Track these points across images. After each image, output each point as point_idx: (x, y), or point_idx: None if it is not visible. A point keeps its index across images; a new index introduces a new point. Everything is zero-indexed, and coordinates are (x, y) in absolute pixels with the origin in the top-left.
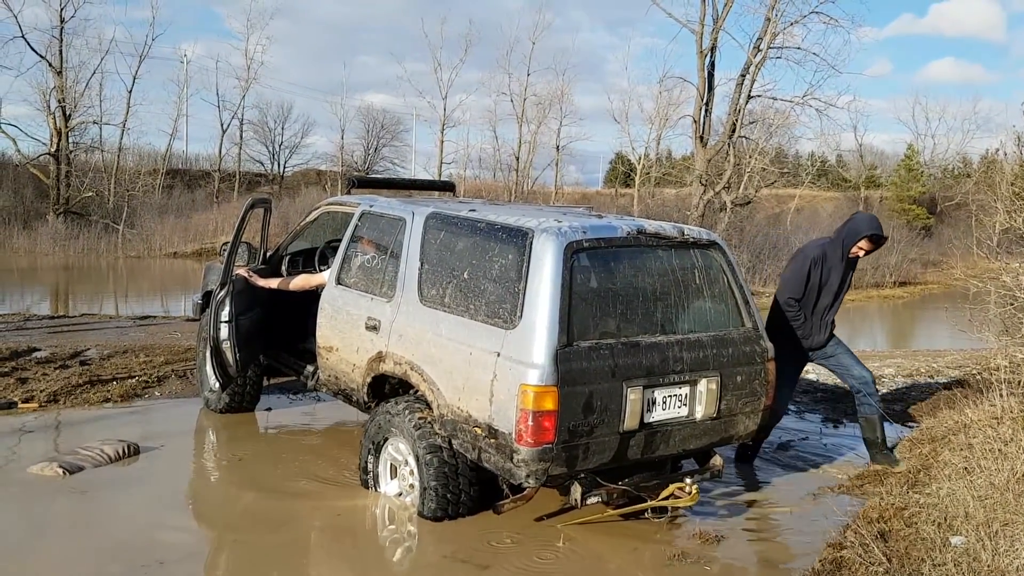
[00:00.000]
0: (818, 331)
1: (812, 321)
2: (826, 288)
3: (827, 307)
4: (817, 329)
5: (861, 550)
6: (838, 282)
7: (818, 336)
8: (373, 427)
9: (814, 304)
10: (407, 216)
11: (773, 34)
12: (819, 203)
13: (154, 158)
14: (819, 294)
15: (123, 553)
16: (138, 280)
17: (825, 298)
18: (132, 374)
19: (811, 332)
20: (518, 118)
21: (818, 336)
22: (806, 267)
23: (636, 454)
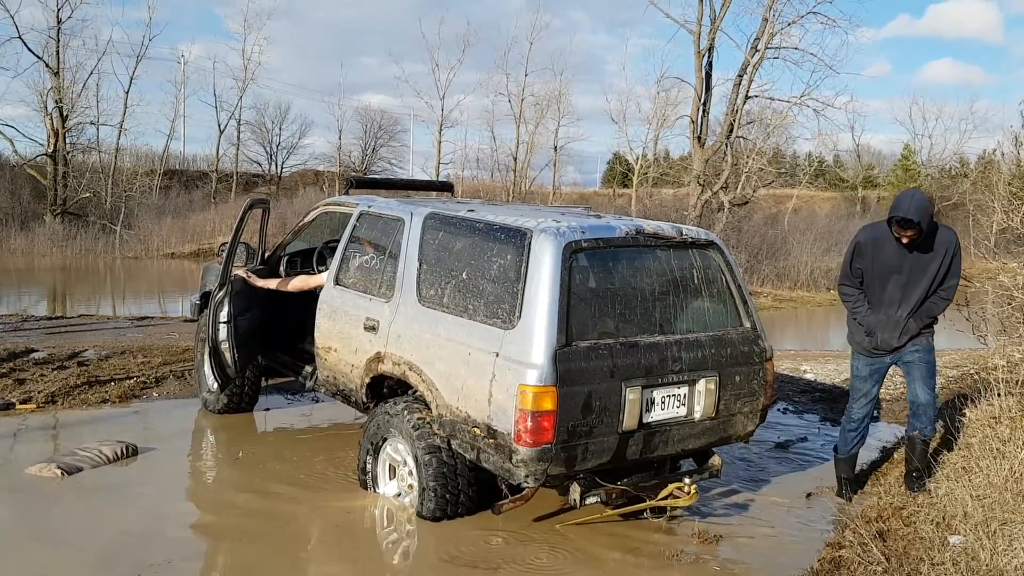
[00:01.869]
0: (886, 327)
1: (879, 315)
2: (887, 275)
3: (896, 301)
4: (885, 325)
5: (860, 549)
6: (904, 272)
7: (886, 334)
8: (372, 427)
9: (880, 295)
10: (405, 216)
11: (771, 34)
12: (817, 203)
13: (151, 159)
14: (881, 283)
15: (128, 553)
16: (136, 281)
17: (892, 290)
18: (130, 375)
19: (876, 327)
20: (516, 118)
21: (886, 334)
22: (850, 251)
23: (635, 454)
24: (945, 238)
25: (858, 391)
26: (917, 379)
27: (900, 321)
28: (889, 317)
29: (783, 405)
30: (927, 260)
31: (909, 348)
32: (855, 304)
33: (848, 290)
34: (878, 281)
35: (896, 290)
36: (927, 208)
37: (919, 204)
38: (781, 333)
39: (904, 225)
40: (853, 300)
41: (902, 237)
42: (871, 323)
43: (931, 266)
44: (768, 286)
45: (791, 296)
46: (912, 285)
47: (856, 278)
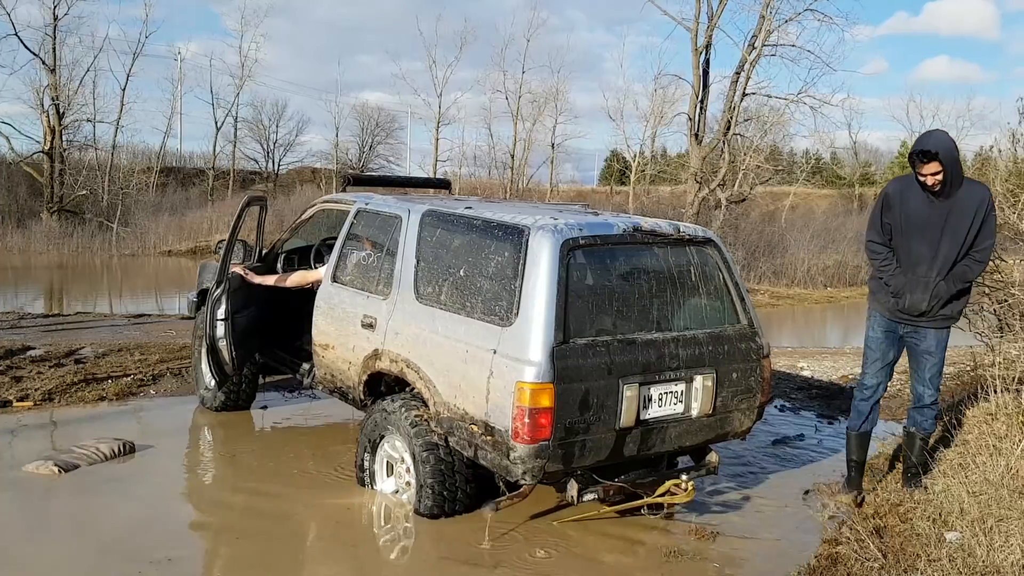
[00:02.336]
0: (916, 289)
1: (908, 276)
2: (915, 232)
3: (925, 259)
4: (914, 287)
5: (857, 546)
6: (933, 227)
7: (915, 296)
8: (369, 425)
9: (908, 254)
10: (403, 214)
11: (768, 31)
12: (814, 201)
13: (148, 156)
14: (908, 240)
15: (128, 550)
16: (132, 278)
17: (920, 247)
18: (127, 372)
19: (905, 288)
20: (513, 116)
21: (915, 296)
22: (879, 203)
23: (632, 451)
24: (977, 195)
25: (872, 355)
26: (924, 373)
27: (930, 283)
28: (918, 278)
29: (780, 402)
30: (958, 217)
31: (930, 329)
32: (883, 262)
33: (876, 247)
34: (905, 237)
35: (925, 248)
36: (950, 145)
37: (939, 138)
38: (778, 330)
39: (923, 158)
40: (881, 258)
41: (926, 179)
42: (899, 284)
43: (962, 224)
44: (765, 283)
45: (788, 293)
46: (942, 243)
47: (885, 235)
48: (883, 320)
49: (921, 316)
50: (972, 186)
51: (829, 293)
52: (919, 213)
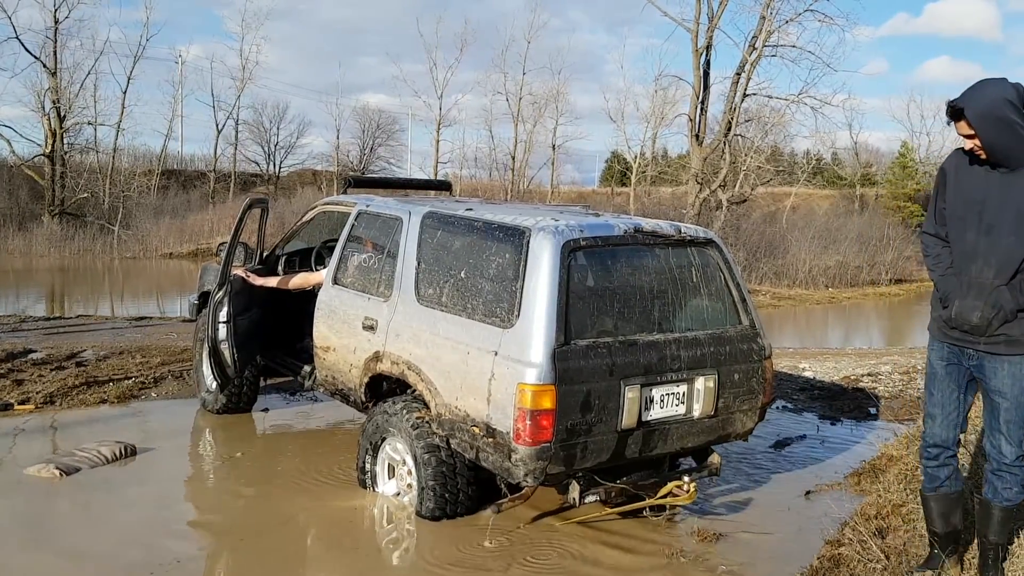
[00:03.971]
0: (967, 294)
1: (960, 277)
2: (968, 216)
3: (977, 254)
4: (962, 290)
5: (859, 547)
6: (989, 207)
7: (966, 303)
8: (371, 427)
9: (959, 246)
10: (403, 215)
11: (768, 32)
12: (815, 201)
13: (149, 159)
14: (959, 227)
15: (134, 553)
16: (134, 281)
17: (972, 236)
18: (129, 375)
19: (952, 293)
20: (514, 117)
21: (966, 303)
22: (936, 182)
23: (634, 452)
24: None
25: (930, 398)
26: (997, 422)
27: (985, 286)
28: (971, 279)
29: (782, 403)
30: (1020, 193)
31: (991, 363)
32: (934, 260)
33: (927, 240)
34: (957, 224)
35: (977, 236)
36: (988, 99)
37: (975, 90)
38: (780, 331)
39: (950, 116)
40: (933, 255)
41: (969, 145)
42: (947, 287)
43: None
44: (767, 284)
45: (789, 294)
46: (1002, 231)
47: (941, 224)
48: (939, 347)
49: (977, 335)
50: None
51: (830, 294)
52: (973, 191)
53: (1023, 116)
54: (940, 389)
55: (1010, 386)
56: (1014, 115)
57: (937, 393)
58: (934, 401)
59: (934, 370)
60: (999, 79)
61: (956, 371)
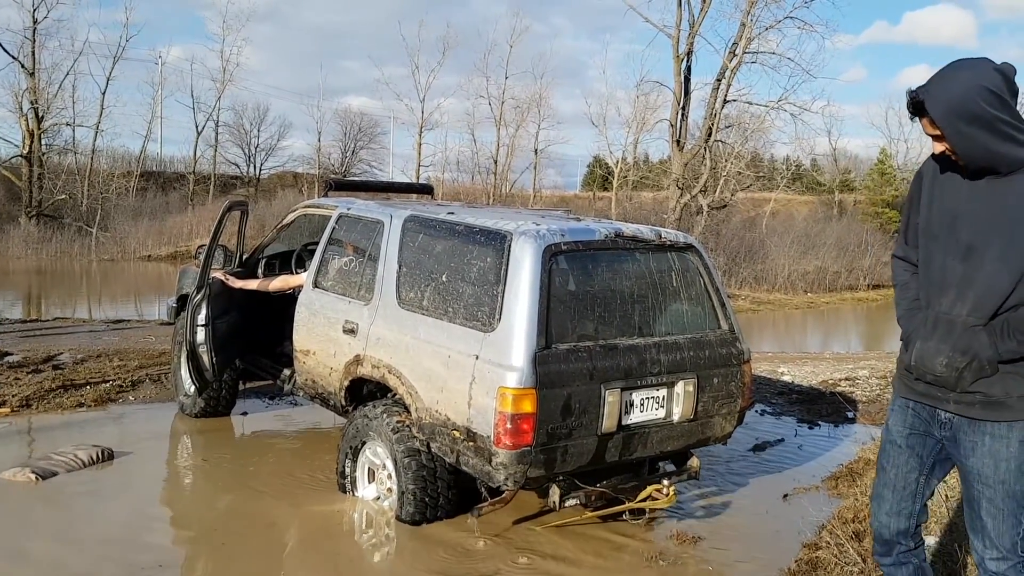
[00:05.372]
0: (927, 333)
1: (927, 312)
2: (942, 237)
3: (949, 284)
4: (927, 328)
5: (836, 550)
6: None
7: (928, 345)
8: (351, 431)
9: (927, 272)
10: (385, 219)
11: (748, 39)
12: (794, 207)
13: (128, 160)
14: (931, 248)
15: (114, 557)
16: (112, 284)
17: (944, 261)
18: (106, 378)
19: (914, 332)
20: (496, 121)
21: (928, 345)
22: (910, 190)
23: (614, 456)
24: None
25: (881, 475)
26: (979, 515)
27: (955, 326)
28: (938, 315)
29: (761, 407)
30: (1018, 210)
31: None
32: (900, 291)
33: (896, 265)
34: (927, 245)
35: (951, 261)
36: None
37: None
38: (759, 335)
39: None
40: (900, 284)
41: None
42: (910, 325)
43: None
44: (746, 288)
45: (769, 299)
46: (981, 255)
47: (913, 245)
48: (901, 407)
49: (946, 389)
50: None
51: (809, 298)
52: (949, 203)
53: (1008, 106)
54: (895, 464)
55: (992, 468)
56: (995, 107)
57: (890, 469)
58: (885, 479)
59: (891, 438)
60: (975, 60)
61: (921, 444)
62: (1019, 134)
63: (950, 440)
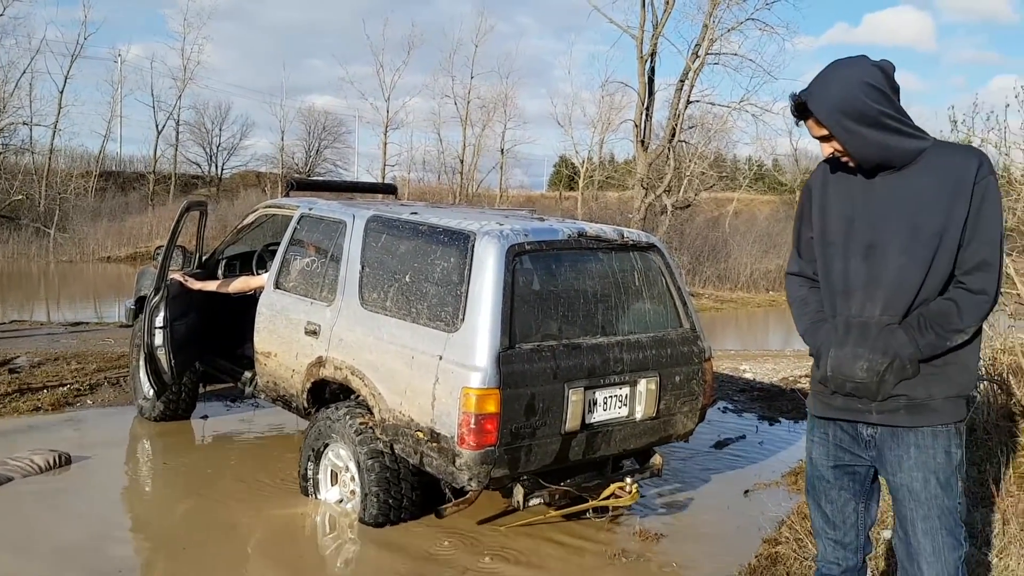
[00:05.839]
0: (840, 340)
1: (835, 321)
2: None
3: (856, 285)
4: (838, 335)
5: (796, 545)
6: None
7: (843, 352)
8: (313, 433)
9: (828, 277)
10: (347, 219)
11: (711, 40)
12: (756, 206)
13: (87, 160)
14: (829, 253)
15: (74, 566)
16: (70, 285)
17: (847, 263)
18: (63, 382)
19: (824, 344)
20: (462, 121)
21: (843, 352)
22: (799, 205)
23: (578, 455)
24: (956, 164)
25: (815, 511)
26: (915, 534)
27: (870, 327)
28: (849, 320)
29: (723, 404)
30: (916, 206)
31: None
32: (799, 307)
33: (791, 283)
34: (826, 253)
35: (853, 264)
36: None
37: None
38: (722, 333)
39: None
40: (797, 301)
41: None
42: (817, 338)
43: (928, 217)
44: (710, 287)
45: (732, 297)
46: (885, 252)
47: (808, 260)
48: (820, 433)
49: (868, 398)
50: (944, 152)
51: (771, 297)
52: (844, 207)
53: (890, 100)
54: (829, 500)
55: (921, 482)
56: (878, 101)
57: (824, 505)
58: (822, 515)
59: (818, 472)
60: (854, 58)
61: (850, 473)
62: (905, 127)
63: (877, 459)
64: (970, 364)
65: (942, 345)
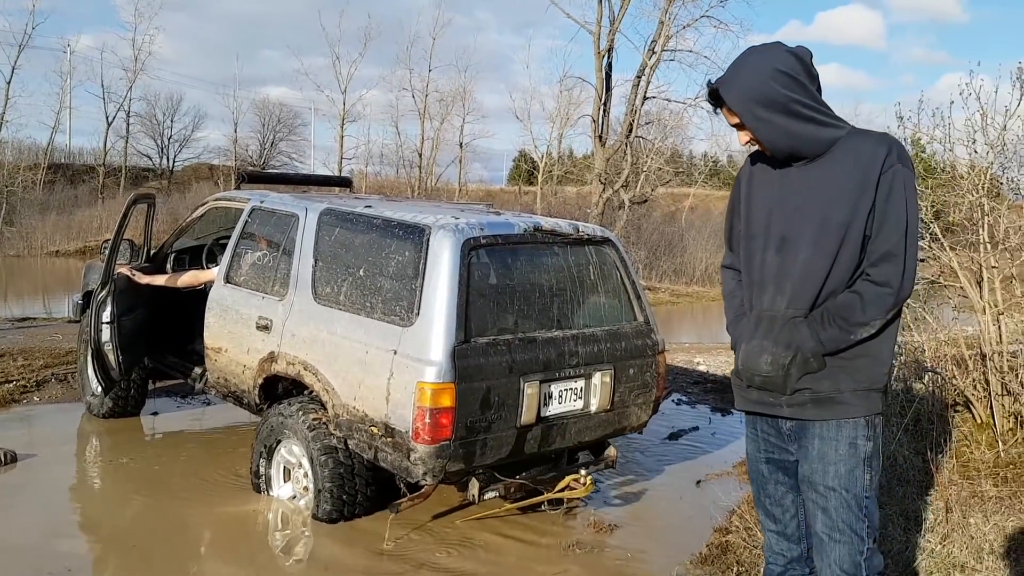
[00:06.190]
0: (751, 333)
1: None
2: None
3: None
4: (750, 330)
5: (746, 534)
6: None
7: (751, 345)
8: (265, 429)
9: (748, 269)
10: (300, 212)
11: (667, 37)
12: (711, 202)
13: (35, 152)
14: (749, 245)
15: (20, 564)
16: (17, 280)
17: (762, 255)
18: (9, 379)
19: (740, 336)
20: (420, 114)
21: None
22: (731, 197)
23: (533, 448)
24: (865, 151)
25: (758, 503)
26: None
27: (776, 320)
28: (760, 313)
29: (677, 396)
30: (823, 194)
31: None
32: (728, 302)
33: (724, 275)
34: (748, 245)
35: (770, 254)
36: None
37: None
38: (678, 327)
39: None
40: (727, 295)
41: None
42: (736, 332)
43: (835, 206)
44: (666, 282)
45: (687, 291)
46: (794, 244)
47: (738, 253)
48: (750, 428)
49: (777, 392)
50: (855, 140)
51: None
52: (765, 199)
53: (804, 88)
54: (767, 494)
55: (821, 473)
56: (790, 89)
57: (764, 499)
58: (763, 508)
59: (753, 467)
60: (768, 44)
61: (780, 466)
62: (819, 115)
63: (797, 452)
64: (882, 356)
65: (846, 339)
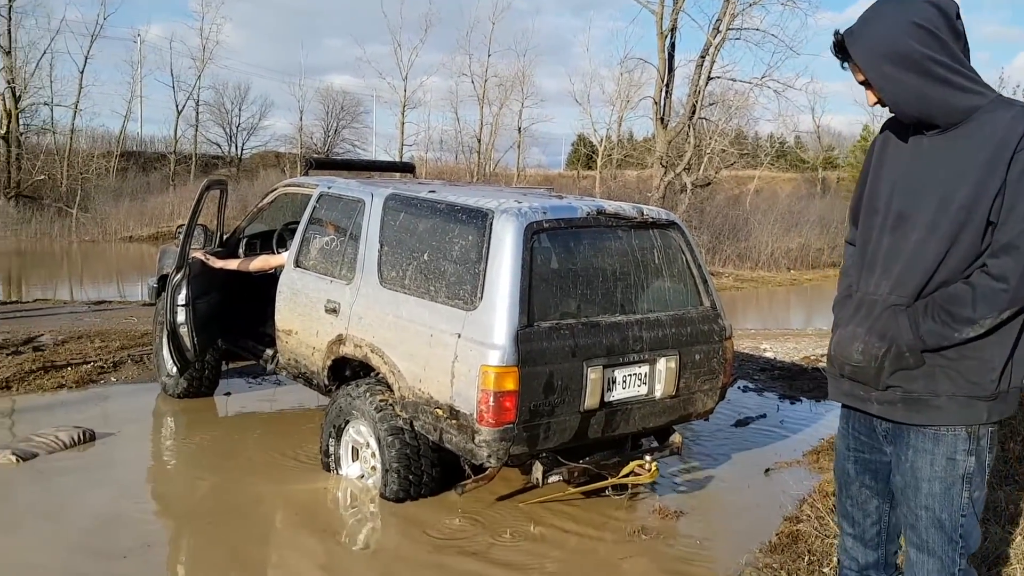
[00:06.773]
0: (848, 317)
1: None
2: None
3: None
4: (848, 314)
5: (817, 523)
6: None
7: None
8: (334, 410)
9: (864, 248)
10: (366, 197)
11: (732, 15)
12: (778, 184)
13: (108, 140)
14: (867, 221)
15: (99, 539)
16: (93, 265)
17: (875, 235)
18: (87, 359)
19: (839, 319)
20: (479, 99)
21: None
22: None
23: (597, 432)
24: (1003, 125)
25: (839, 502)
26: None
27: (875, 306)
28: (863, 297)
29: (743, 383)
30: (949, 166)
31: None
32: (842, 276)
33: (846, 251)
34: (867, 220)
35: (885, 233)
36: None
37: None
38: (743, 313)
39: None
40: (843, 271)
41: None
42: (838, 311)
43: (956, 184)
44: (730, 266)
45: (752, 276)
46: (908, 225)
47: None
48: (843, 420)
49: (868, 385)
50: (995, 110)
51: (792, 276)
52: (892, 171)
53: (945, 47)
54: (849, 495)
55: (914, 489)
56: (927, 46)
57: (845, 499)
58: (842, 508)
59: (840, 465)
60: None
61: (871, 468)
62: (957, 77)
63: (873, 445)
64: (994, 361)
65: (949, 336)
